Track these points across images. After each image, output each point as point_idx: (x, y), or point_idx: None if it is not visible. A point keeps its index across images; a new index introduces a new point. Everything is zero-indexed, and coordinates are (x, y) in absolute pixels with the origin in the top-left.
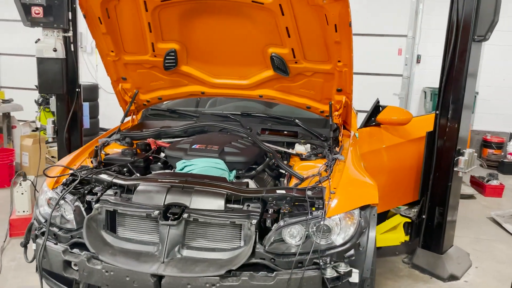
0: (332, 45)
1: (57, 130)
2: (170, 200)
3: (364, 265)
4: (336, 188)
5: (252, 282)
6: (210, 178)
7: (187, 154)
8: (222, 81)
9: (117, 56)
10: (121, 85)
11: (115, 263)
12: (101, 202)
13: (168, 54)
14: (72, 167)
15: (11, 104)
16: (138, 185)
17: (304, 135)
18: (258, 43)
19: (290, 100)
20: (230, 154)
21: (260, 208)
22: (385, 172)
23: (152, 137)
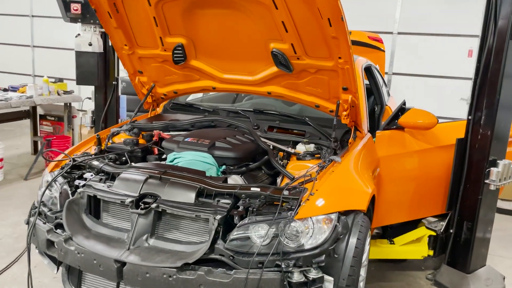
0: (330, 41)
1: (94, 120)
2: (145, 190)
3: (341, 274)
4: (319, 190)
5: (208, 278)
6: (189, 171)
7: (179, 146)
8: (231, 76)
9: (130, 49)
10: (138, 78)
11: (85, 246)
12: (85, 186)
13: (175, 49)
14: (77, 153)
15: (72, 95)
16: (121, 173)
17: (312, 135)
18: (260, 38)
19: (298, 98)
20: (220, 149)
21: (231, 204)
22: (407, 179)
23: (160, 129)
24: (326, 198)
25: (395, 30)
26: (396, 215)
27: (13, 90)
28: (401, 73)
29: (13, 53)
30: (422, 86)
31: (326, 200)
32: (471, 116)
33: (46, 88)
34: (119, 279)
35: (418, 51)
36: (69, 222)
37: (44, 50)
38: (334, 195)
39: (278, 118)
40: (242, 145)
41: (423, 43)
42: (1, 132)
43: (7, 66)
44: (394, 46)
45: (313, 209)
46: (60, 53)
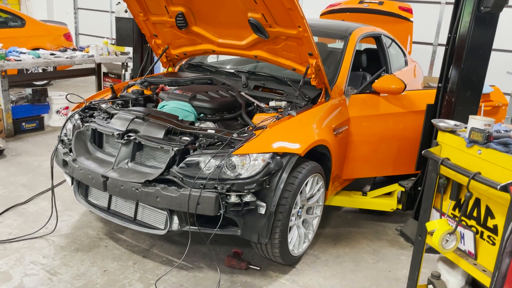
0: (289, 12)
1: (133, 77)
2: (131, 126)
3: (272, 201)
4: (263, 134)
5: (163, 192)
6: (167, 115)
7: (168, 96)
8: (225, 41)
9: (145, 16)
10: (154, 41)
11: (84, 165)
12: (91, 122)
13: (177, 16)
14: (97, 98)
15: (127, 56)
16: (117, 113)
17: (290, 95)
18: (240, 8)
19: (278, 61)
20: (199, 100)
21: (190, 140)
22: (378, 138)
23: (165, 84)
24: (265, 141)
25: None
26: (366, 169)
27: (81, 50)
28: None
29: (95, 18)
30: None
31: (265, 143)
32: (441, 84)
33: (106, 49)
34: (104, 189)
35: None
36: (76, 147)
37: None
38: (274, 139)
39: (265, 79)
40: (219, 98)
41: None
42: (76, 87)
43: (89, 29)
44: (441, 16)
45: (251, 148)
46: None
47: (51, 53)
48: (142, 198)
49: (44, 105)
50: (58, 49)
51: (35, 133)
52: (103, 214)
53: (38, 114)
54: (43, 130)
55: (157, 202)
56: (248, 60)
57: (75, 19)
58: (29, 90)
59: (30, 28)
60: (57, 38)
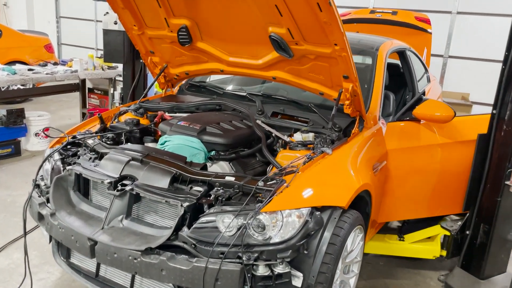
0: (324, 26)
1: (123, 97)
2: (126, 172)
3: (311, 270)
4: (296, 182)
5: (170, 264)
6: (171, 155)
7: (171, 129)
8: (237, 59)
9: (140, 30)
10: (150, 59)
11: (66, 222)
12: (74, 165)
13: (180, 30)
14: (81, 130)
15: (115, 71)
16: (107, 153)
17: (317, 124)
18: (258, 21)
19: (302, 84)
20: (210, 134)
21: (203, 192)
22: (420, 174)
23: (165, 110)
24: (301, 192)
25: (454, 9)
26: (406, 211)
27: (63, 64)
28: (459, 56)
29: (78, 28)
30: (481, 71)
31: (300, 194)
32: (495, 110)
33: (91, 63)
34: (92, 256)
35: (478, 32)
36: (55, 197)
37: None
38: (311, 189)
39: (284, 104)
40: (234, 131)
41: (484, 24)
42: (58, 102)
43: (72, 39)
44: (452, 27)
45: (284, 202)
46: None
47: (29, 69)
48: (142, 271)
49: (20, 128)
50: (38, 63)
51: (10, 160)
52: (89, 284)
53: (14, 138)
54: (20, 156)
55: (162, 276)
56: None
57: (57, 28)
58: (2, 111)
59: (7, 39)
60: (37, 49)
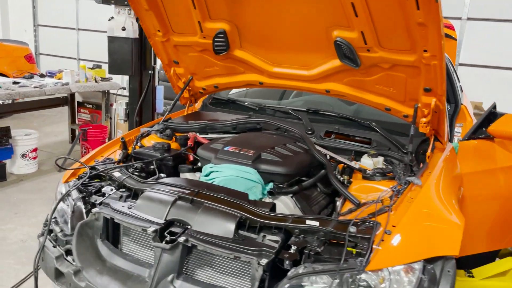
0: (414, 28)
1: (128, 112)
2: (173, 215)
3: None
4: (397, 225)
5: None
6: (229, 192)
7: (217, 157)
8: (282, 70)
9: (164, 36)
10: (174, 70)
11: (97, 284)
12: (101, 206)
13: (216, 36)
14: (98, 158)
15: (110, 83)
16: (145, 190)
17: (380, 144)
18: (321, 24)
19: (364, 98)
20: (268, 162)
21: (281, 242)
22: (498, 200)
23: (196, 131)
24: (408, 240)
25: (464, 15)
26: (483, 243)
27: (51, 75)
28: (469, 64)
29: (58, 36)
30: (492, 79)
31: (407, 242)
32: None
33: (83, 74)
34: None
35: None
36: (80, 250)
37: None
38: (417, 234)
39: (337, 121)
40: (294, 157)
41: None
42: (41, 117)
43: (52, 49)
44: (462, 33)
45: (391, 256)
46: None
47: (14, 82)
48: None
49: (6, 149)
50: (22, 75)
51: None
52: None
53: None
54: (5, 181)
55: None
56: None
57: (35, 37)
58: None
59: None
60: (16, 60)
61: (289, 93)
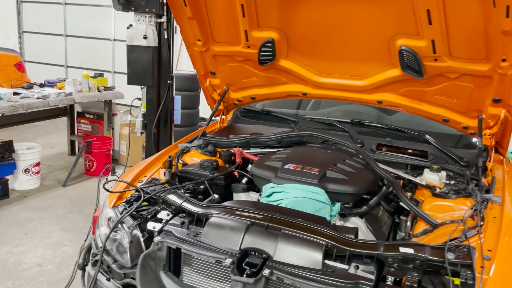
0: (496, 37)
1: (146, 125)
2: (248, 244)
3: None
4: (493, 250)
5: None
6: (305, 216)
7: (277, 176)
8: (330, 80)
9: (204, 46)
10: (209, 81)
11: None
12: (163, 234)
13: (264, 45)
14: (142, 178)
15: (113, 92)
16: (210, 216)
17: (437, 157)
18: (384, 31)
19: (420, 109)
20: (334, 181)
21: (375, 273)
22: None
23: (239, 146)
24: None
25: None
26: None
27: (50, 85)
28: None
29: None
30: None
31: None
32: None
33: (86, 84)
34: None
35: None
36: (144, 285)
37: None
38: None
39: (385, 133)
40: (360, 175)
41: None
42: (33, 128)
43: (38, 56)
44: None
45: (502, 283)
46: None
47: (15, 92)
48: None
49: (9, 164)
50: (20, 85)
51: None
52: None
53: (1, 177)
54: (8, 198)
55: None
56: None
57: (20, 44)
58: None
59: None
60: (5, 69)
61: (306, 103)
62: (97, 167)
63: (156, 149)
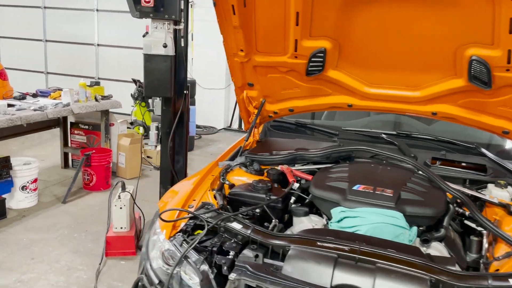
0: None
1: (161, 138)
2: (340, 280)
3: None
4: None
5: None
6: (396, 246)
7: (347, 199)
8: (381, 91)
9: (246, 56)
10: (246, 93)
11: None
12: (238, 270)
13: (314, 55)
14: (191, 203)
15: (110, 101)
16: (288, 248)
17: (495, 171)
18: (453, 40)
19: (479, 120)
20: (412, 203)
21: None
22: None
23: (285, 163)
24: None
25: None
26: None
27: (43, 95)
28: None
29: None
30: None
31: None
32: None
33: (83, 93)
34: None
35: None
36: None
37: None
38: None
39: (435, 145)
40: (433, 195)
41: None
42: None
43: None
44: None
45: None
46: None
47: (9, 104)
48: None
49: (6, 182)
50: (10, 96)
51: None
52: None
53: None
54: (5, 218)
55: None
56: None
57: None
58: None
59: None
60: None
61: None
62: (96, 181)
63: (171, 162)
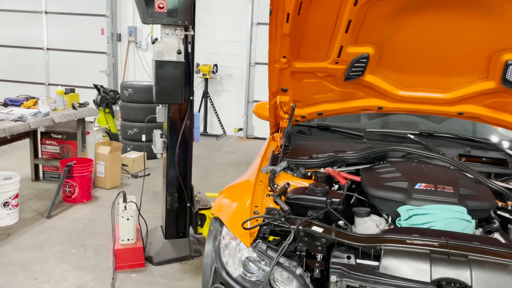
0: None
1: (168, 146)
2: (439, 274)
3: None
4: None
5: None
6: (478, 239)
7: (413, 197)
8: (411, 93)
9: (287, 63)
10: (279, 98)
11: None
12: (335, 272)
13: (358, 61)
14: (255, 209)
15: (87, 109)
16: (378, 248)
17: None
18: (490, 45)
19: (502, 119)
20: (471, 198)
21: None
22: None
23: (327, 165)
24: None
25: None
26: None
27: (14, 104)
28: None
29: None
30: None
31: None
32: None
33: (61, 101)
34: None
35: None
36: None
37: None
38: None
39: (455, 143)
40: (483, 189)
41: None
42: None
43: None
44: None
45: None
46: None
47: None
48: None
49: None
50: None
51: None
52: None
53: None
54: None
55: None
56: None
57: None
58: None
59: None
60: None
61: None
62: (79, 193)
63: (178, 170)
